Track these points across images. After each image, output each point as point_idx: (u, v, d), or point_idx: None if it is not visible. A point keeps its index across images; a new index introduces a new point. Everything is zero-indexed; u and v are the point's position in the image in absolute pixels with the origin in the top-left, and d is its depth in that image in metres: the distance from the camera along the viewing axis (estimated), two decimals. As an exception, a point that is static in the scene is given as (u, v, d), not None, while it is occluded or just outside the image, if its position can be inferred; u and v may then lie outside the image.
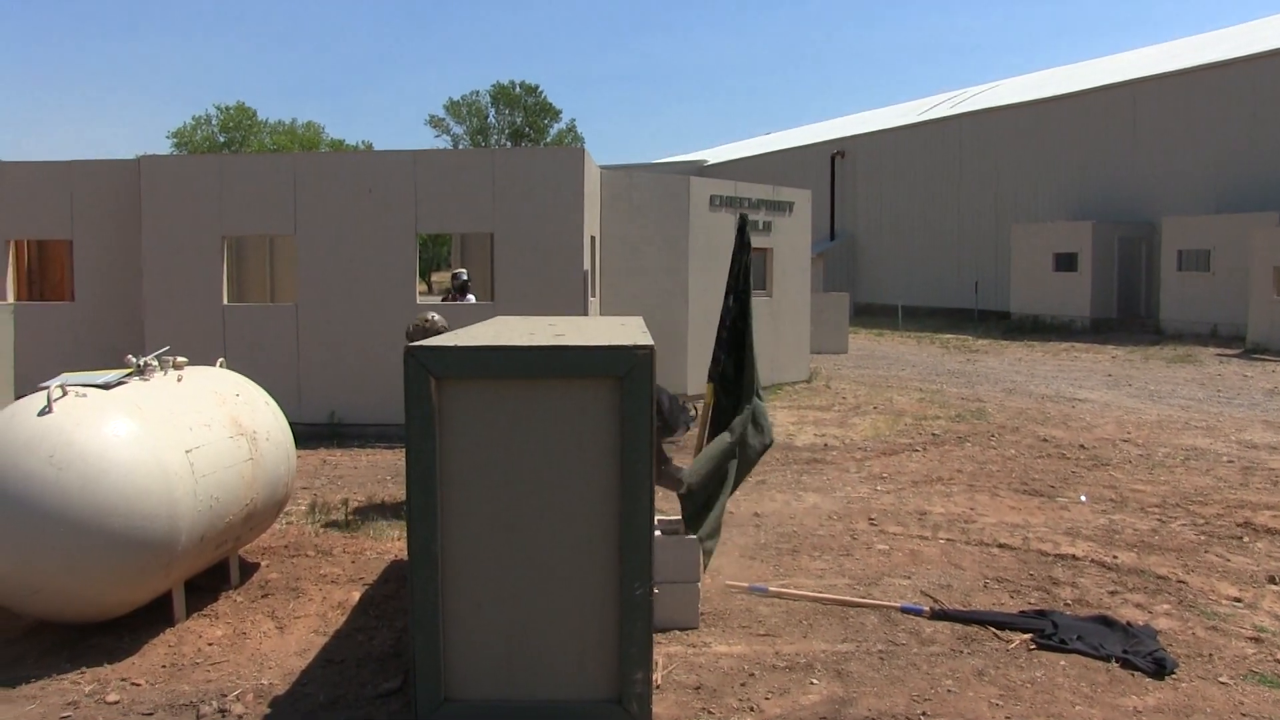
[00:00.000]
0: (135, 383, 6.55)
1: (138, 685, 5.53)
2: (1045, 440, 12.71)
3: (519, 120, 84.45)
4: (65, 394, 6.01)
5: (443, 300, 17.63)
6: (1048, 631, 6.19)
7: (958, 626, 6.35)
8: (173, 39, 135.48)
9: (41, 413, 5.84)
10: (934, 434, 13.24)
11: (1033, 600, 6.88)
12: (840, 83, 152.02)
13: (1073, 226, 30.86)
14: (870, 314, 37.71)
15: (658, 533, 5.82)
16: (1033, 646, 6.03)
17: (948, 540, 8.33)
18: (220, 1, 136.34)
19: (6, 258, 14.60)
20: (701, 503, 6.58)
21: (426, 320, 8.89)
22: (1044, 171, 33.91)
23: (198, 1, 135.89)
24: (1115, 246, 30.18)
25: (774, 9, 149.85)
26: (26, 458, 5.64)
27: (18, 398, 7.06)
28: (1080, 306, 30.21)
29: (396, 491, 9.86)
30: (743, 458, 6.73)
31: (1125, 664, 5.77)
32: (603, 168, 15.92)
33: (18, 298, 14.69)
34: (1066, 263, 30.66)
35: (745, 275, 6.86)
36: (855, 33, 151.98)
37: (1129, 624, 6.33)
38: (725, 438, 6.66)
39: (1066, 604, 6.79)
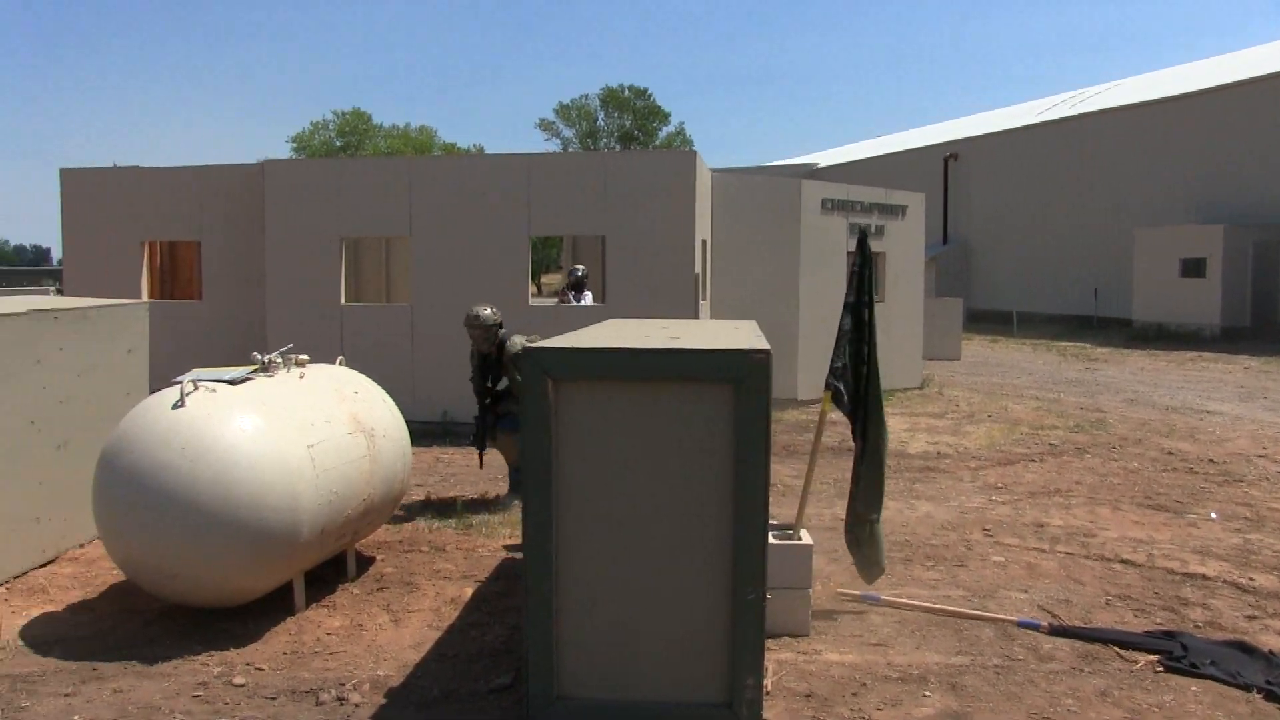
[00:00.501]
0: (260, 379, 6.76)
1: (261, 670, 5.70)
2: (1171, 453, 12.29)
3: (628, 123, 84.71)
4: (196, 389, 6.23)
5: (558, 300, 17.76)
6: (1176, 654, 5.89)
7: (1078, 644, 6.16)
8: (290, 48, 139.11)
9: (175, 407, 6.08)
10: (1051, 444, 12.96)
11: (1159, 620, 6.62)
12: (954, 84, 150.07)
13: (1201, 230, 29.76)
14: (984, 320, 37.05)
15: (770, 537, 5.81)
16: (1159, 669, 5.76)
17: (1066, 554, 8.13)
18: (334, 10, 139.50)
19: (141, 259, 15.15)
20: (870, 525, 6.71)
21: (489, 311, 9.60)
22: (1170, 173, 32.81)
23: (312, 11, 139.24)
24: (1249, 251, 28.93)
25: (887, 8, 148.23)
26: (162, 450, 5.88)
27: (151, 392, 7.34)
28: (1209, 314, 29.12)
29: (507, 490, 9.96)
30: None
31: (1269, 696, 5.40)
32: (713, 171, 15.92)
33: (150, 296, 15.24)
34: (1194, 268, 29.54)
35: (869, 290, 6.77)
36: (970, 33, 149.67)
37: (1271, 652, 5.95)
38: (881, 453, 6.68)
39: (1197, 626, 6.51)
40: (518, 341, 9.45)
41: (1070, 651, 6.05)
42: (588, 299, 16.28)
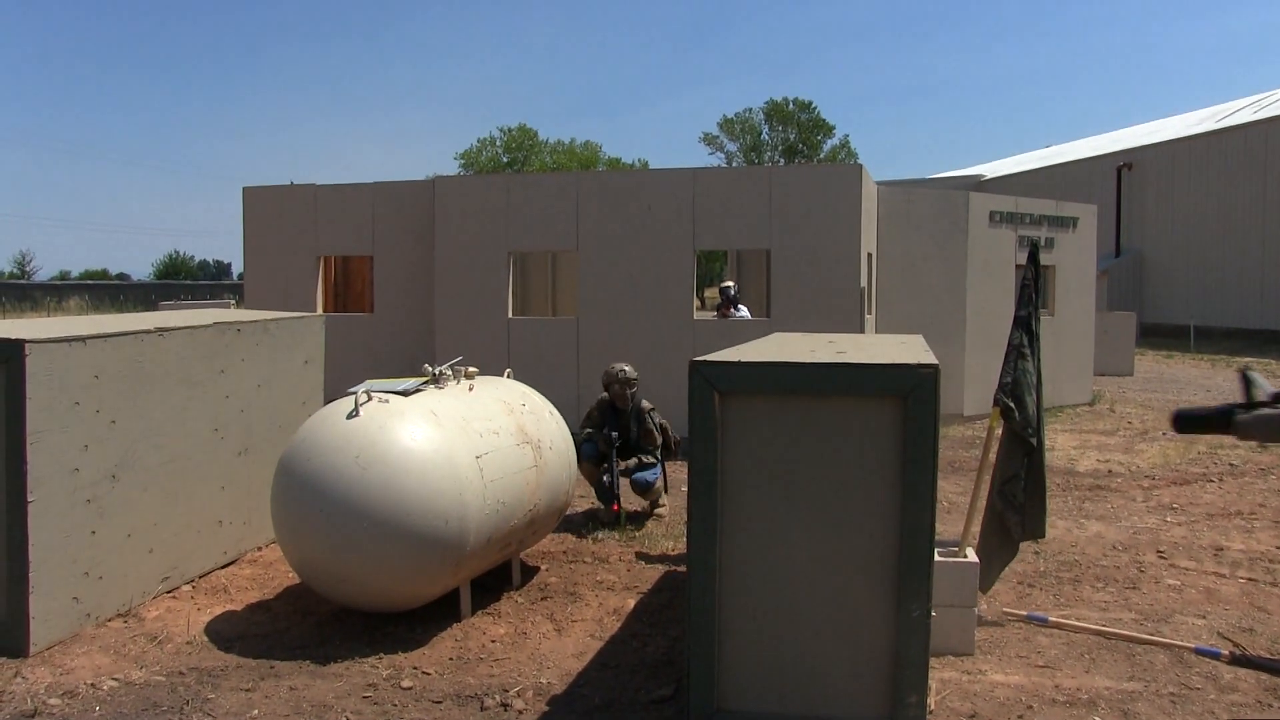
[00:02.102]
0: (431, 390, 6.95)
1: (428, 674, 5.85)
2: (1366, 475, 11.62)
3: (792, 137, 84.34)
4: (370, 399, 6.44)
5: (717, 315, 17.78)
6: (1375, 690, 5.55)
7: (1263, 676, 5.85)
8: (457, 67, 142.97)
9: (349, 416, 6.30)
10: (1232, 464, 12.39)
11: (1355, 654, 6.24)
12: (1127, 91, 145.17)
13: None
14: (1158, 335, 35.67)
15: (936, 555, 5.72)
16: (1357, 706, 5.43)
17: (1249, 579, 7.76)
18: (498, 28, 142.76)
19: (317, 273, 15.72)
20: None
21: (629, 368, 9.64)
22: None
23: (477, 30, 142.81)
24: None
25: (1055, 15, 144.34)
26: (336, 457, 6.09)
27: (326, 402, 7.62)
28: (1407, 328, 27.49)
29: (674, 503, 9.99)
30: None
31: None
32: (879, 183, 15.74)
33: (325, 309, 15.80)
34: (1391, 279, 27.95)
35: (1035, 306, 6.66)
36: (1143, 37, 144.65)
37: None
38: (1044, 471, 6.62)
39: (1398, 661, 6.12)
40: (647, 404, 9.76)
41: (1255, 683, 5.76)
42: (743, 314, 16.24)
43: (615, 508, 9.46)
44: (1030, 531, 6.58)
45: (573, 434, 8.41)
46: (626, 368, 9.60)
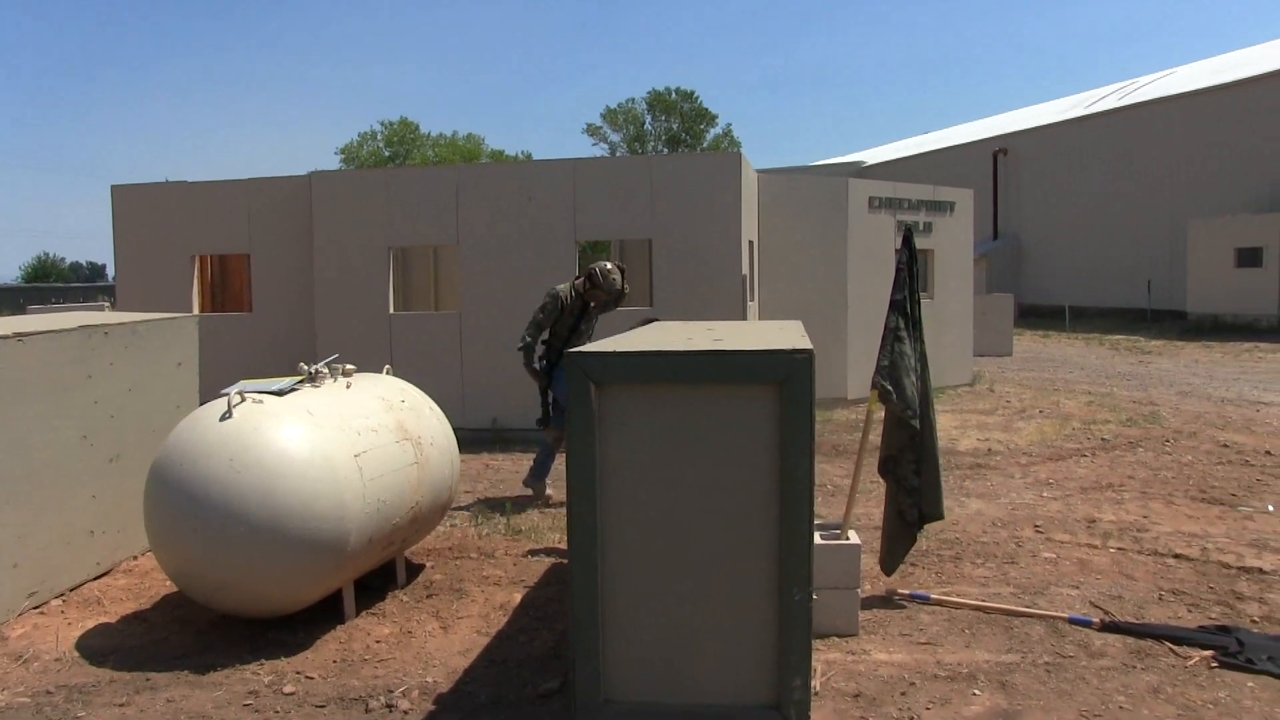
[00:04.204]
0: (307, 389, 6.81)
1: (311, 678, 5.73)
2: (1226, 446, 12.06)
3: (675, 126, 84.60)
4: (244, 401, 6.29)
5: None
6: (1231, 649, 5.79)
7: (1130, 640, 6.07)
8: (336, 59, 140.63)
9: (223, 418, 6.14)
10: (1104, 439, 12.78)
11: (1213, 615, 6.50)
12: (1001, 78, 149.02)
13: (1259, 219, 29.31)
14: (1036, 315, 36.68)
15: (817, 538, 5.77)
16: (1214, 665, 5.66)
17: (1118, 549, 8.01)
18: (379, 21, 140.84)
19: (192, 272, 15.33)
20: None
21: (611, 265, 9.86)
22: (1225, 163, 32.26)
23: (357, 22, 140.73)
24: (1307, 238, 28.47)
25: (931, 5, 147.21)
26: (209, 461, 5.93)
27: (201, 404, 7.42)
28: (1266, 304, 28.64)
29: (557, 496, 9.96)
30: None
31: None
32: (760, 171, 15.86)
33: (202, 309, 15.42)
34: (1250, 258, 29.08)
35: (913, 288, 6.75)
36: (1016, 26, 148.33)
37: (1331, 646, 5.81)
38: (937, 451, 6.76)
39: (1253, 620, 6.39)
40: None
41: (1122, 648, 5.97)
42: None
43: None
44: (927, 514, 6.72)
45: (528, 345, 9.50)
46: (610, 270, 9.79)
